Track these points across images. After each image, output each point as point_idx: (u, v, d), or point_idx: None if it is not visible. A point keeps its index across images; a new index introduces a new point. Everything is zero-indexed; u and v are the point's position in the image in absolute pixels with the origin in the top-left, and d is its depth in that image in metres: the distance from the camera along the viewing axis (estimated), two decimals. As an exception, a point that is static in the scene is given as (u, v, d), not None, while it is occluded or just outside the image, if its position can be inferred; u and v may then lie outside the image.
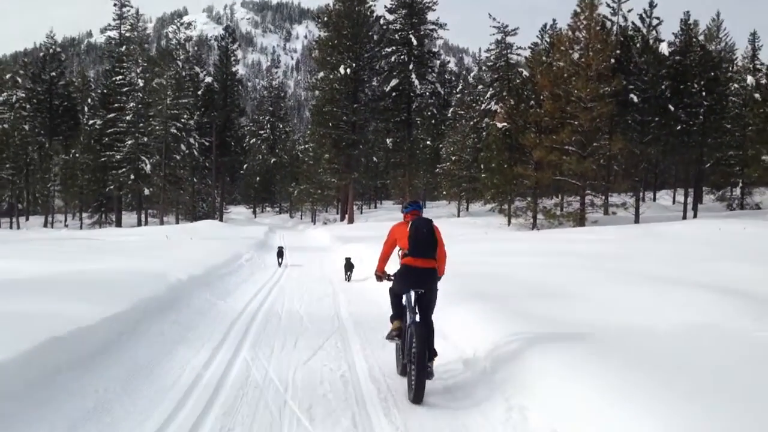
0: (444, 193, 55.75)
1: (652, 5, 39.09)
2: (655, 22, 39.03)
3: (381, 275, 6.57)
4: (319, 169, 55.93)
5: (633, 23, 39.71)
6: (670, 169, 49.54)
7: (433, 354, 5.79)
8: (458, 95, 64.33)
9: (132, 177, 51.54)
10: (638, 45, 37.92)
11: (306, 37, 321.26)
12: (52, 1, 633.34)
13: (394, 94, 52.79)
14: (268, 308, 9.96)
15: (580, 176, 34.35)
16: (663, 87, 36.80)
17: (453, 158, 50.43)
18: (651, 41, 38.39)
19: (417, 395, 5.41)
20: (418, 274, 5.97)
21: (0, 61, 68.13)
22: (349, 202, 53.95)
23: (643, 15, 39.19)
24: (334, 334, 7.88)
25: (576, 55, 35.96)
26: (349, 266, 14.29)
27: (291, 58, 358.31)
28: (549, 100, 34.94)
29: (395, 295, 6.28)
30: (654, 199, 43.64)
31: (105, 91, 59.15)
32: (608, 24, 39.10)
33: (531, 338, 6.20)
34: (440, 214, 52.83)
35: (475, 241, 21.58)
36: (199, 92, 57.52)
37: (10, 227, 59.38)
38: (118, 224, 56.94)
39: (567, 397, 4.67)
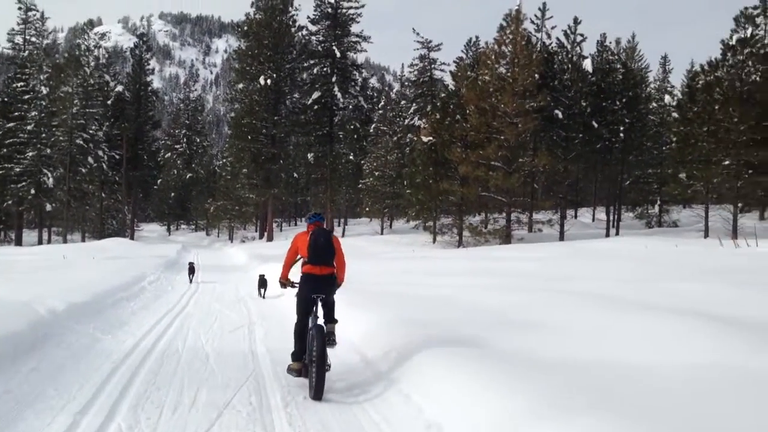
0: (367, 209, 54.41)
1: (576, 22, 39.34)
2: (579, 38, 39.26)
3: (285, 282, 6.88)
4: (237, 185, 53.63)
5: (558, 39, 39.98)
6: (588, 187, 50.04)
7: (333, 319, 6.55)
8: (380, 111, 63.49)
9: (32, 191, 47.64)
10: (563, 61, 37.96)
11: (226, 51, 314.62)
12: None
13: (316, 107, 51.28)
14: (167, 344, 8.14)
15: (506, 192, 33.82)
16: (586, 104, 36.89)
17: (376, 173, 49.23)
18: (575, 58, 38.53)
19: (317, 392, 5.74)
20: (317, 280, 6.37)
21: None
22: (269, 220, 51.88)
23: (568, 32, 39.37)
24: (247, 382, 6.21)
25: (502, 70, 35.63)
26: (262, 283, 14.21)
27: (210, 72, 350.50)
28: (475, 115, 34.35)
29: (301, 313, 6.47)
30: (575, 217, 43.80)
31: (5, 99, 54.91)
32: (533, 40, 39.11)
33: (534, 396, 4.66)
34: (363, 232, 51.52)
35: (404, 260, 20.32)
36: (109, 102, 54.16)
37: None
38: (18, 243, 52.51)
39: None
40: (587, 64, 38.16)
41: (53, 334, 7.75)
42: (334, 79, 51.05)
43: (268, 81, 48.25)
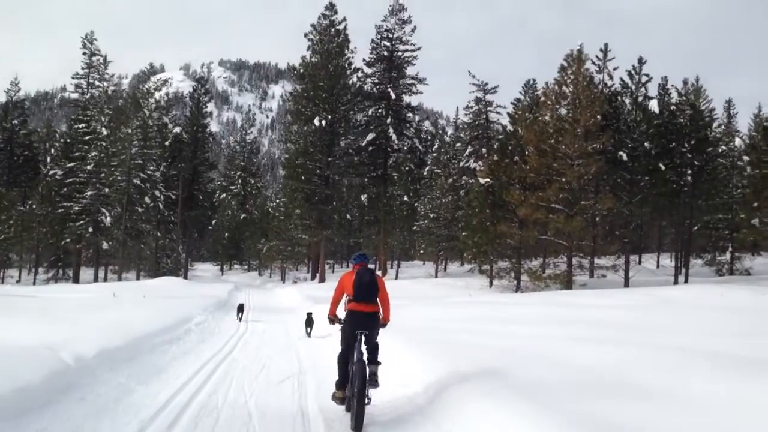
0: (421, 251, 53.29)
1: (641, 62, 38.08)
2: (644, 78, 37.89)
3: (333, 318, 7.20)
4: (290, 225, 53.35)
5: (621, 79, 38.62)
6: (652, 232, 47.85)
7: (376, 362, 6.81)
8: (434, 154, 62.85)
9: (90, 230, 48.34)
10: (627, 102, 36.58)
11: (282, 96, 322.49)
12: (26, 56, 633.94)
13: (370, 148, 50.96)
14: (206, 398, 7.20)
15: (567, 236, 32.29)
16: (652, 145, 35.26)
17: (431, 215, 48.21)
18: (640, 98, 37.10)
19: (357, 424, 6.02)
20: (361, 317, 6.71)
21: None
22: (321, 260, 51.24)
23: (632, 72, 38.08)
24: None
25: (563, 111, 34.53)
26: (309, 322, 14.43)
27: (266, 117, 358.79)
28: (534, 156, 33.18)
29: (345, 345, 6.84)
30: (639, 263, 41.65)
31: (68, 140, 56.46)
32: (595, 80, 37.93)
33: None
34: (416, 274, 50.32)
35: (464, 305, 19.09)
36: (167, 143, 54.99)
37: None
38: (75, 280, 53.24)
39: None
40: (653, 105, 36.63)
41: (77, 385, 6.91)
42: (389, 120, 50.76)
43: (323, 122, 48.17)
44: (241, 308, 18.01)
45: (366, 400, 6.21)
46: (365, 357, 6.66)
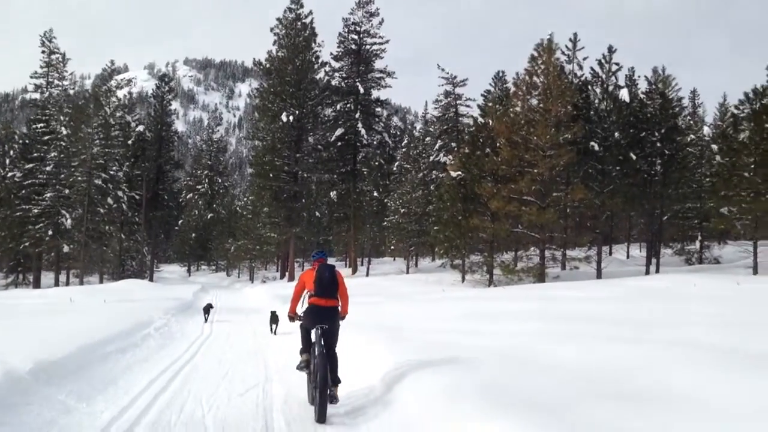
0: (392, 247, 52.62)
1: (611, 51, 37.74)
2: (614, 68, 37.63)
3: (293, 316, 7.43)
4: (258, 224, 52.28)
5: (592, 69, 38.28)
6: (622, 222, 47.83)
7: (337, 381, 6.73)
8: (404, 149, 62.26)
9: (50, 232, 46.66)
10: (598, 91, 36.32)
11: (249, 94, 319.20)
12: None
13: (339, 143, 50.08)
14: (157, 415, 6.36)
15: (539, 228, 31.92)
16: (622, 135, 35.05)
17: (401, 210, 47.56)
18: (611, 87, 36.87)
19: (320, 415, 6.25)
20: (322, 311, 6.94)
21: None
22: (290, 259, 50.28)
23: (602, 61, 37.74)
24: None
25: (534, 101, 34.13)
26: (274, 319, 14.60)
27: (233, 115, 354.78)
28: (506, 148, 32.73)
29: (305, 330, 7.23)
30: (610, 253, 41.52)
31: (26, 141, 54.51)
32: (566, 69, 37.59)
33: None
34: (388, 271, 49.67)
35: (438, 301, 18.42)
36: (130, 142, 53.41)
37: None
38: (36, 285, 51.40)
39: None
40: (623, 94, 36.41)
41: (3, 405, 6.02)
42: (357, 115, 49.92)
43: (291, 118, 47.21)
44: (207, 309, 17.85)
45: (331, 399, 6.52)
46: (326, 356, 6.77)
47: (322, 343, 6.81)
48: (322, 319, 6.92)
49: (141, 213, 55.43)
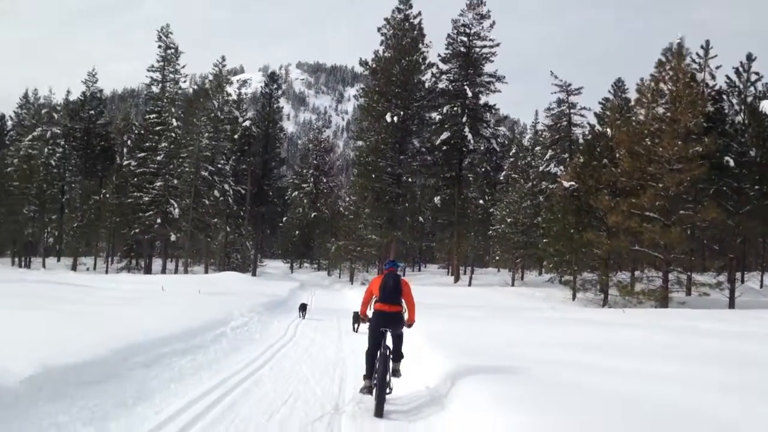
0: (496, 258, 50.51)
1: (750, 59, 34.18)
2: (753, 77, 34.02)
3: (363, 318, 7.86)
4: (360, 225, 51.52)
5: (727, 77, 34.80)
6: (755, 248, 43.41)
7: (399, 356, 7.70)
8: (512, 159, 59.93)
9: (159, 221, 47.94)
10: (734, 102, 32.93)
11: (355, 96, 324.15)
12: (115, 56, 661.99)
13: (444, 147, 48.54)
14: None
15: (663, 248, 29.04)
16: (762, 151, 31.49)
17: (508, 220, 45.39)
18: (749, 98, 33.34)
19: (378, 410, 6.75)
20: (385, 316, 7.39)
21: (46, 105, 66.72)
22: (390, 263, 49.10)
23: (740, 69, 34.24)
24: None
25: (660, 110, 31.25)
26: (356, 318, 15.05)
27: (342, 119, 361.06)
28: (627, 159, 30.10)
29: (371, 343, 7.45)
30: (742, 281, 37.60)
31: (141, 131, 56.58)
32: (697, 77, 34.37)
33: None
34: (491, 282, 47.61)
35: (549, 322, 16.33)
36: (236, 136, 54.19)
37: (22, 266, 56.28)
38: (147, 271, 53.24)
39: None
40: (764, 106, 32.77)
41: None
42: (464, 119, 48.24)
43: (395, 118, 46.18)
44: (303, 307, 18.71)
45: (387, 390, 7.07)
46: (389, 352, 7.42)
47: (387, 345, 7.36)
48: (386, 323, 7.38)
49: (246, 207, 56.09)
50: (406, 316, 7.64)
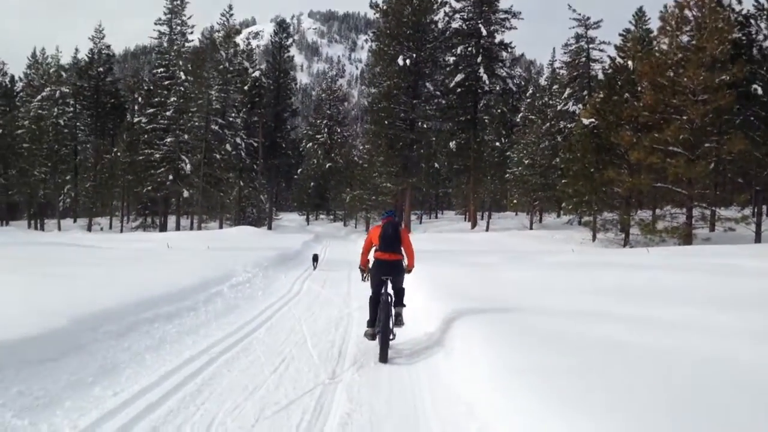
0: (514, 202, 49.41)
1: (781, -23, 32.11)
2: (784, -2, 32.01)
3: (364, 269, 8.00)
4: (374, 173, 50.54)
5: (756, 0, 32.77)
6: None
7: (401, 304, 7.68)
8: (528, 100, 58.09)
9: (171, 177, 47.36)
10: (762, 26, 31.09)
11: (366, 40, 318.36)
12: (126, 11, 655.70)
13: (459, 90, 47.03)
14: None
15: (687, 183, 27.85)
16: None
17: (525, 162, 44.11)
18: (780, 21, 31.44)
19: (382, 356, 6.93)
20: (385, 264, 7.51)
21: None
22: (406, 210, 48.32)
23: (770, -11, 32.19)
24: None
25: (685, 38, 29.64)
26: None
27: (356, 68, 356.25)
28: (650, 91, 28.75)
29: (374, 291, 7.59)
30: (766, 214, 36.22)
31: (150, 87, 55.56)
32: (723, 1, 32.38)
33: None
34: (509, 226, 46.67)
35: (570, 267, 15.21)
36: (246, 87, 52.95)
37: (35, 228, 56.31)
38: (163, 229, 52.99)
39: None
40: (795, 29, 30.93)
41: None
42: (479, 59, 46.57)
43: (407, 61, 44.68)
44: (315, 258, 19.04)
45: (391, 336, 7.24)
46: (391, 300, 7.48)
47: (389, 292, 7.48)
48: (386, 271, 7.49)
49: (259, 160, 55.29)
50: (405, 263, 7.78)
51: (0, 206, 62.31)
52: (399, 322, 7.57)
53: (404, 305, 7.75)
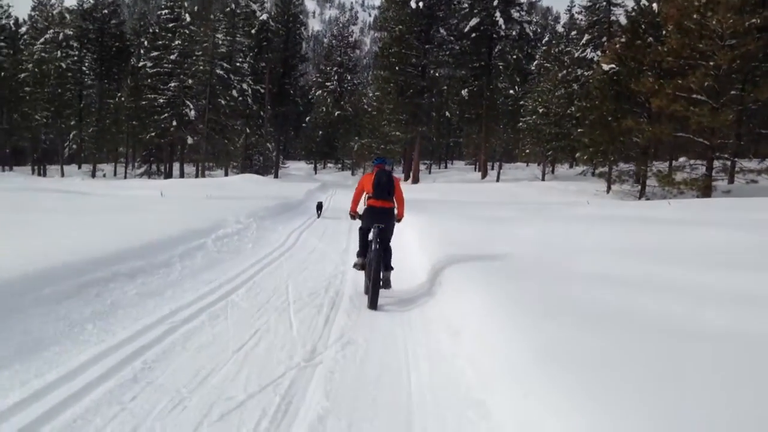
0: (526, 151, 48.02)
1: None
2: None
3: (354, 214, 8.08)
4: (383, 122, 49.15)
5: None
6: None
7: (389, 267, 7.53)
8: (544, 48, 55.98)
9: (174, 123, 46.17)
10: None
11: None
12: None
13: (473, 35, 45.17)
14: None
15: (710, 133, 26.51)
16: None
17: (540, 111, 42.57)
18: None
19: (372, 303, 6.88)
20: (378, 212, 7.52)
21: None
22: (415, 160, 47.15)
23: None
24: None
25: (714, -22, 27.82)
26: (319, 207, 17.85)
27: (369, 15, 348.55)
28: (675, 35, 27.09)
29: (363, 231, 7.80)
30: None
31: (156, 30, 53.91)
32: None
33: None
34: (520, 177, 45.48)
35: (589, 220, 13.93)
36: (253, 31, 51.20)
37: (38, 173, 55.67)
38: (168, 176, 52.16)
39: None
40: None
41: None
42: (495, 2, 44.59)
43: (420, 4, 42.84)
44: (319, 206, 19.11)
45: (384, 283, 7.35)
46: (380, 247, 7.36)
47: (378, 240, 7.38)
48: (378, 218, 7.48)
49: (266, 107, 53.93)
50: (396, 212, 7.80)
51: (4, 151, 61.55)
52: (387, 285, 7.43)
53: (392, 268, 7.61)
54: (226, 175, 49.87)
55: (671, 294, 5.74)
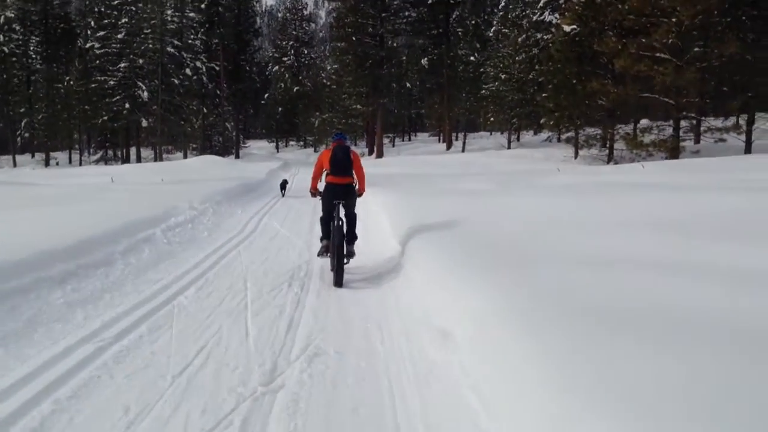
0: (490, 119, 47.38)
1: None
2: None
3: (314, 192, 7.95)
4: (344, 95, 48.00)
5: None
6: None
7: (353, 238, 7.60)
8: (501, 13, 55.14)
9: (127, 106, 44.36)
10: None
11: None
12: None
13: (430, 1, 44.10)
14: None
15: (675, 92, 26.12)
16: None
17: (502, 77, 41.86)
18: None
19: (337, 281, 6.83)
20: (337, 188, 7.41)
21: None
22: (378, 133, 46.18)
23: None
24: None
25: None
26: (283, 186, 17.67)
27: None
28: (636, -8, 26.48)
29: (325, 212, 7.51)
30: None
31: (101, 9, 51.53)
32: None
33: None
34: (485, 146, 44.92)
35: (569, 191, 12.76)
36: (203, 5, 49.28)
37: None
38: (125, 161, 50.40)
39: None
40: None
41: None
42: (450, -34, 43.60)
43: (375, -29, 41.66)
44: (283, 185, 18.63)
45: (346, 261, 7.15)
46: (343, 223, 7.36)
47: (341, 216, 7.34)
48: (338, 195, 7.38)
49: (222, 85, 52.24)
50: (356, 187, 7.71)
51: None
52: (351, 255, 7.42)
53: (356, 236, 7.67)
54: (185, 157, 48.31)
55: (691, 274, 4.97)
